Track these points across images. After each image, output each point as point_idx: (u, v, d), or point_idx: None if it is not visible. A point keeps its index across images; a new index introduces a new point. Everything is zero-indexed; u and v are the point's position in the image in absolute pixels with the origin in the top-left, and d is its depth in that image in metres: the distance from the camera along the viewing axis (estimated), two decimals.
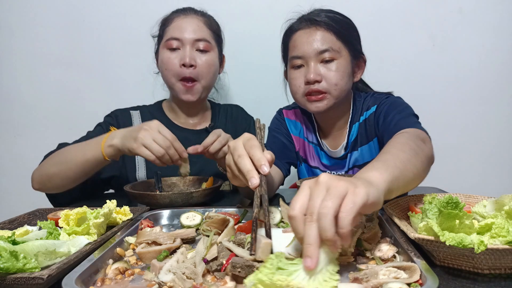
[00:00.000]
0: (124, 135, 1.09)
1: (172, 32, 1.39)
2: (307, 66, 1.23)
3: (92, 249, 0.69)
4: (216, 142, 1.14)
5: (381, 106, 1.26)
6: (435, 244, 0.61)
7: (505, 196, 0.70)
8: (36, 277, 0.56)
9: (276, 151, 1.20)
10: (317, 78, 1.20)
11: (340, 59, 1.23)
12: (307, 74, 1.22)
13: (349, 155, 1.35)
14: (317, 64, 1.22)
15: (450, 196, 0.65)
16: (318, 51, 1.21)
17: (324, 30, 1.22)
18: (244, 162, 0.72)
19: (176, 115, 1.53)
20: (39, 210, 0.99)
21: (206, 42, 1.40)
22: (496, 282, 0.58)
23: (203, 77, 1.40)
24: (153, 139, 1.04)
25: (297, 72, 1.26)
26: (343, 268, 0.64)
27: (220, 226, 0.79)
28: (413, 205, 0.83)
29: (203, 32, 1.40)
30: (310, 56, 1.22)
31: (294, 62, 1.26)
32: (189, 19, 1.40)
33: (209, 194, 1.12)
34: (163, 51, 1.40)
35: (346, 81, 1.24)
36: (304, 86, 1.24)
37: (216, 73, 1.48)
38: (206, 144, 1.13)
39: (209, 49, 1.41)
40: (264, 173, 0.70)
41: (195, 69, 1.38)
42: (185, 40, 1.37)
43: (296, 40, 1.26)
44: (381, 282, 0.54)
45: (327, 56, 1.21)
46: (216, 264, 0.62)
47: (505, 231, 0.60)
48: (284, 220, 0.87)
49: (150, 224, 0.86)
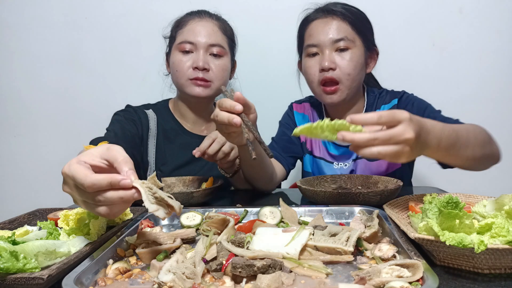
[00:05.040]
0: None
1: (186, 35, 1.38)
2: (322, 54, 1.27)
3: (92, 249, 0.69)
4: (214, 144, 1.14)
5: (405, 100, 1.30)
6: (435, 244, 0.61)
7: (505, 196, 0.70)
8: (36, 277, 0.56)
9: (281, 145, 1.43)
10: (331, 65, 1.24)
11: (354, 48, 1.26)
12: (322, 62, 1.25)
13: None
14: (332, 52, 1.26)
15: (450, 196, 0.65)
16: (333, 40, 1.25)
17: (340, 20, 1.27)
18: (222, 114, 0.89)
19: (184, 119, 1.51)
20: (39, 210, 0.99)
21: (220, 47, 1.39)
22: (496, 282, 0.58)
23: (216, 79, 1.39)
24: (81, 201, 0.66)
25: (312, 60, 1.30)
26: (344, 268, 0.64)
27: (220, 226, 0.79)
28: (413, 205, 0.83)
29: (217, 37, 1.39)
30: (326, 44, 1.26)
31: (309, 50, 1.30)
32: (204, 23, 1.39)
33: (209, 194, 1.12)
34: (175, 53, 1.39)
35: (358, 72, 1.28)
36: (318, 74, 1.27)
37: (228, 78, 1.47)
38: (202, 148, 1.14)
39: (223, 54, 1.40)
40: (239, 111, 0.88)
41: (208, 72, 1.37)
42: (199, 44, 1.36)
43: (312, 29, 1.30)
44: (383, 280, 0.54)
45: (342, 45, 1.25)
46: (215, 264, 0.62)
47: (505, 231, 0.59)
48: (284, 220, 0.87)
49: (150, 224, 0.86)
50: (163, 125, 1.46)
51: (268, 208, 0.90)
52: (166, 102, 1.55)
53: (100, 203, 0.61)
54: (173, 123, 1.48)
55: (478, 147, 0.91)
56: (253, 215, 0.93)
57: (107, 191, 0.60)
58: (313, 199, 1.05)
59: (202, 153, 1.14)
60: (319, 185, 1.23)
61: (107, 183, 0.60)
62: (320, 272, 0.60)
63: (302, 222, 0.84)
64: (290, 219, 0.87)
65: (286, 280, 0.57)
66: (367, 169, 1.34)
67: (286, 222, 0.85)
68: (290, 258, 0.64)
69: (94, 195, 0.60)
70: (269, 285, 0.55)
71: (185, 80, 1.37)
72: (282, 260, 0.62)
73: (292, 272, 0.61)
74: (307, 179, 1.22)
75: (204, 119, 1.52)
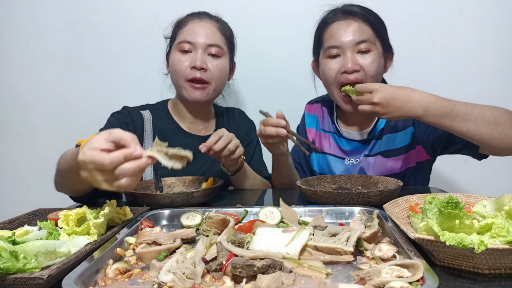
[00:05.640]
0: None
1: (185, 35, 1.39)
2: (344, 56, 1.27)
3: (92, 249, 0.69)
4: (221, 141, 1.16)
5: None
6: (435, 244, 0.61)
7: (505, 196, 0.70)
8: (36, 277, 0.56)
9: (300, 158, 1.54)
10: (355, 67, 1.24)
11: (375, 50, 1.27)
12: (345, 64, 1.25)
13: (373, 141, 1.38)
14: (354, 54, 1.26)
15: (450, 196, 0.65)
16: (356, 42, 1.25)
17: (361, 22, 1.27)
18: (270, 129, 1.18)
19: (182, 119, 1.51)
20: (39, 210, 0.99)
21: (219, 48, 1.39)
22: (496, 282, 0.58)
23: (213, 80, 1.39)
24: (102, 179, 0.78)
25: (333, 61, 1.29)
26: (344, 268, 0.64)
27: (220, 226, 0.79)
28: (413, 205, 0.83)
29: (216, 38, 1.40)
30: (348, 46, 1.25)
31: (330, 51, 1.29)
32: (203, 23, 1.40)
33: (209, 194, 1.12)
34: (175, 53, 1.40)
35: (379, 73, 1.30)
36: (339, 75, 1.27)
37: (226, 78, 1.47)
38: (209, 144, 1.15)
39: (221, 54, 1.40)
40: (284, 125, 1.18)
41: (206, 72, 1.37)
42: (197, 44, 1.37)
43: (333, 31, 1.29)
44: (383, 281, 0.54)
45: (364, 47, 1.25)
46: (215, 264, 0.62)
47: (505, 231, 0.59)
48: (284, 220, 0.87)
49: (150, 224, 0.86)
50: (160, 126, 1.46)
51: (268, 208, 0.90)
52: (165, 102, 1.56)
53: (120, 176, 0.71)
54: (170, 123, 1.48)
55: (483, 123, 1.03)
56: (253, 215, 0.93)
57: (124, 164, 0.71)
58: (313, 199, 1.05)
59: (208, 149, 1.16)
60: (319, 185, 1.23)
61: (122, 157, 0.71)
62: (320, 272, 0.60)
63: (302, 222, 0.84)
64: (290, 219, 0.87)
65: (286, 280, 0.57)
66: (382, 165, 1.34)
67: (286, 222, 0.85)
68: (290, 258, 0.64)
69: (113, 171, 0.70)
70: (269, 285, 0.55)
71: (183, 80, 1.38)
72: (282, 260, 0.62)
73: (292, 272, 0.61)
74: (307, 179, 1.22)
75: (202, 120, 1.52)
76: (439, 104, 1.05)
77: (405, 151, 1.34)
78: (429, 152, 1.33)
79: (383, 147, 1.35)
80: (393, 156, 1.34)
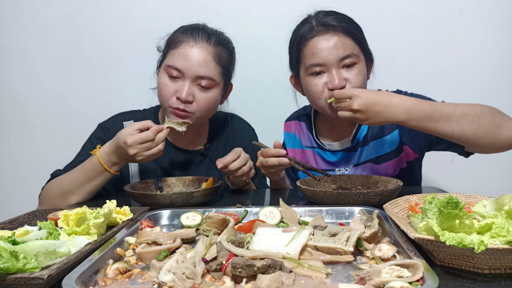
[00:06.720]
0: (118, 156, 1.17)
1: (175, 59, 1.27)
2: (329, 73, 1.23)
3: (92, 249, 0.69)
4: (238, 161, 1.21)
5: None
6: (435, 244, 0.61)
7: (505, 196, 0.70)
8: (36, 277, 0.56)
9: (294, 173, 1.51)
10: (342, 84, 1.21)
11: (360, 62, 1.24)
12: (332, 81, 1.21)
13: (359, 149, 1.36)
14: (339, 70, 1.22)
15: (450, 196, 0.65)
16: (340, 58, 1.21)
17: (342, 35, 1.22)
18: (271, 160, 1.22)
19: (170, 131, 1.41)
20: (39, 210, 0.99)
21: (209, 80, 1.28)
22: (496, 282, 0.58)
23: (198, 111, 1.30)
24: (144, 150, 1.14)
25: (317, 79, 1.24)
26: (344, 268, 0.64)
27: (220, 226, 0.79)
28: (413, 205, 0.83)
29: (208, 68, 1.27)
30: (332, 63, 1.21)
31: (313, 69, 1.24)
32: (197, 50, 1.27)
33: (209, 194, 1.12)
34: (163, 74, 1.30)
35: (365, 82, 1.28)
36: (327, 91, 1.23)
37: (216, 107, 1.39)
38: (226, 162, 1.19)
39: (212, 86, 1.30)
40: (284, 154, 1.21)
41: (192, 104, 1.28)
42: (186, 74, 1.26)
43: (314, 47, 1.23)
44: (383, 280, 0.54)
45: (349, 61, 1.22)
46: (215, 264, 0.62)
47: (505, 231, 0.59)
48: (284, 220, 0.87)
49: (150, 224, 0.86)
50: None
51: (268, 208, 0.90)
52: (157, 110, 1.49)
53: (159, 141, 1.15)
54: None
55: (466, 122, 1.03)
56: (253, 215, 0.93)
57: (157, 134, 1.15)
58: (313, 199, 1.05)
59: (225, 166, 1.19)
60: (319, 185, 1.23)
61: (156, 128, 1.16)
62: (320, 272, 0.60)
63: (302, 222, 0.84)
64: (290, 219, 0.87)
65: (286, 280, 0.57)
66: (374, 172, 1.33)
67: (286, 222, 0.85)
68: (290, 258, 0.64)
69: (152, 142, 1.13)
70: (269, 285, 0.55)
71: (167, 106, 1.29)
72: (282, 260, 0.62)
73: (292, 272, 0.61)
74: (307, 179, 1.22)
75: (190, 134, 1.40)
76: (421, 107, 1.03)
77: (395, 155, 1.32)
78: (417, 151, 1.33)
79: (373, 154, 1.34)
80: (383, 162, 1.33)
